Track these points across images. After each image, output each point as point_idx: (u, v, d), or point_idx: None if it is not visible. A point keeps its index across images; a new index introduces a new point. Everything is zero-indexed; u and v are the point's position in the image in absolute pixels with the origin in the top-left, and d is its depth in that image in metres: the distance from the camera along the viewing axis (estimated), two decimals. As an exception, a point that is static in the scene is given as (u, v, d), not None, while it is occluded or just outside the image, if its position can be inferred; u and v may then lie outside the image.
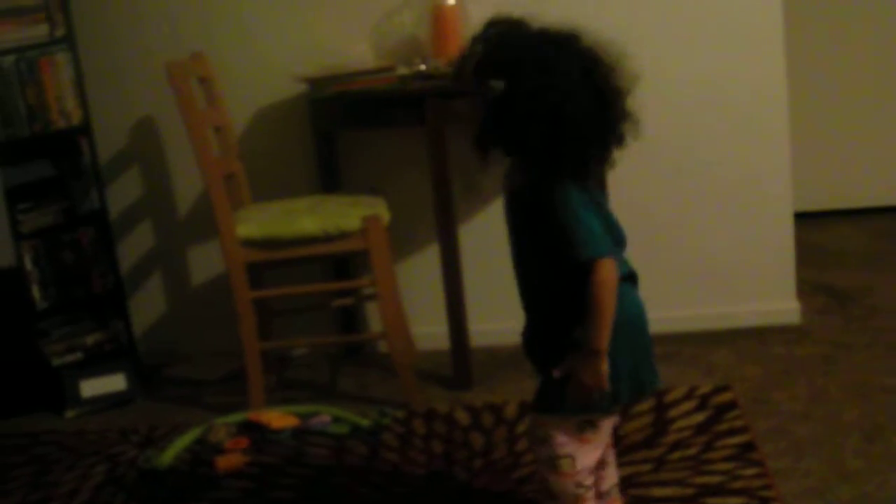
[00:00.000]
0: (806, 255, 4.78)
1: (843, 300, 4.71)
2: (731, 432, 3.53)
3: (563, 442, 2.65)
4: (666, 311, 4.47)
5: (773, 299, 4.52)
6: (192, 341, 4.86)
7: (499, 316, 4.47)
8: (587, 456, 2.68)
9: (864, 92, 5.90)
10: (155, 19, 4.56)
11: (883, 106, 5.91)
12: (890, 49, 5.87)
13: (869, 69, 5.88)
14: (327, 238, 3.95)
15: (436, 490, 3.39)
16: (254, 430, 3.89)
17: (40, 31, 4.33)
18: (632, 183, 4.39)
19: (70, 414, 4.35)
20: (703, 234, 4.48)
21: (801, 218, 4.72)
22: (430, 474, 3.50)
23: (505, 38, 2.49)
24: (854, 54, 5.86)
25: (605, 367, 2.52)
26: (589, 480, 2.71)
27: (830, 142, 5.91)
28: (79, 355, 4.48)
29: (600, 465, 2.82)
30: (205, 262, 4.77)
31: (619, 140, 2.56)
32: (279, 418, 3.92)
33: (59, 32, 4.36)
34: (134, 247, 4.82)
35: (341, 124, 4.35)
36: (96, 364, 4.47)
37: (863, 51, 5.87)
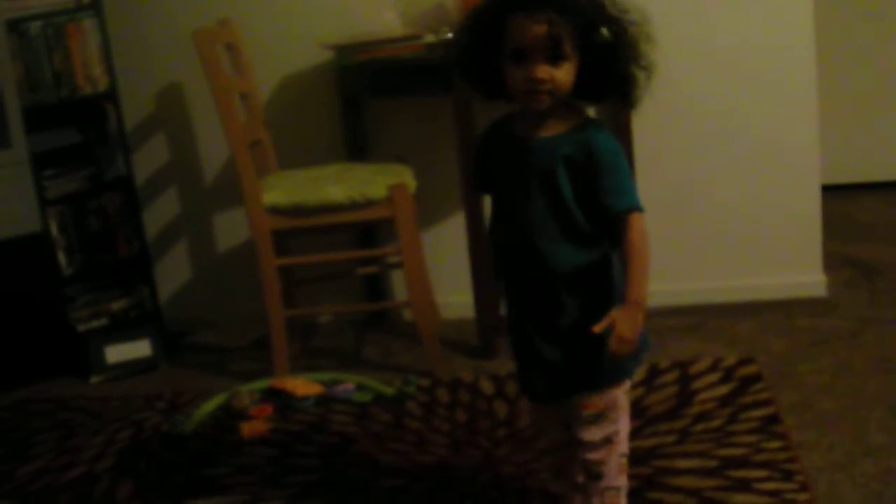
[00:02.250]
0: (833, 227, 4.75)
1: (869, 274, 4.68)
2: (756, 405, 3.52)
3: (620, 414, 2.62)
4: (691, 283, 4.48)
5: (799, 272, 4.50)
6: (217, 308, 4.87)
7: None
8: (628, 421, 2.66)
9: (892, 65, 5.85)
10: (182, -15, 4.57)
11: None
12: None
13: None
14: (353, 206, 3.95)
15: (459, 459, 3.39)
16: (278, 397, 3.90)
17: (67, -4, 4.34)
18: (659, 153, 4.38)
19: (95, 379, 4.37)
20: (730, 205, 4.45)
21: (829, 190, 4.69)
22: (453, 443, 3.50)
23: None
24: (884, 26, 5.81)
25: (641, 319, 2.48)
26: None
27: (859, 114, 5.86)
28: (104, 321, 4.50)
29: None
30: (230, 229, 4.77)
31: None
32: (303, 385, 3.93)
33: (86, -2, 4.37)
34: (160, 213, 4.83)
35: (368, 92, 4.34)
36: (121, 330, 4.49)
37: (892, 23, 5.81)
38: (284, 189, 4.02)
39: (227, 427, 3.74)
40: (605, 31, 2.40)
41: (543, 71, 2.39)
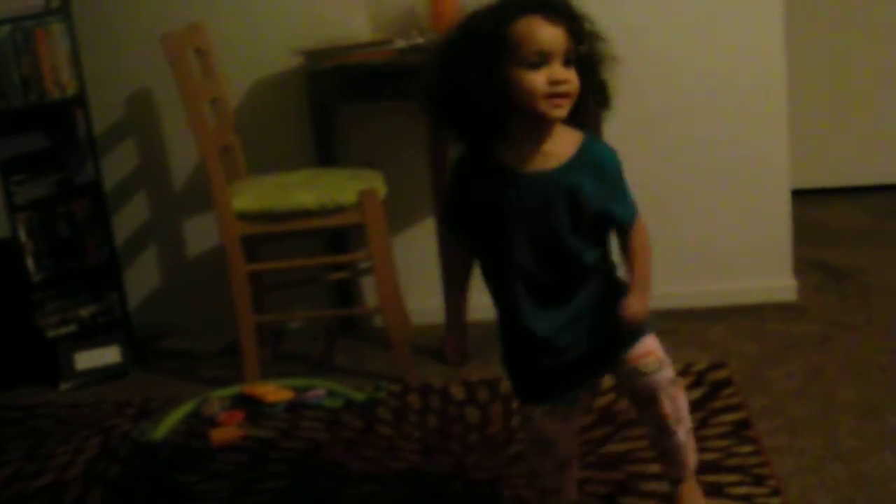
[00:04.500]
0: (803, 232, 4.76)
1: (839, 278, 4.70)
2: (727, 409, 3.53)
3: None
4: (663, 288, 4.45)
5: (770, 276, 4.51)
6: (187, 314, 4.85)
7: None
8: None
9: (863, 70, 5.88)
10: (151, -10, 4.55)
11: (882, 84, 5.89)
12: (890, 27, 5.85)
13: (869, 46, 5.85)
14: (323, 211, 3.94)
15: (430, 464, 3.38)
16: (248, 404, 3.89)
17: (36, 1, 4.31)
18: (629, 160, 4.34)
19: (64, 386, 4.35)
20: (700, 210, 4.46)
21: (799, 195, 4.70)
22: (424, 449, 3.50)
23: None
24: (854, 31, 5.83)
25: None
26: None
27: (829, 119, 5.88)
28: (73, 327, 4.47)
29: None
30: (200, 235, 4.75)
31: None
32: (274, 392, 3.92)
33: (55, 3, 4.34)
34: (129, 219, 4.81)
35: (338, 97, 4.33)
36: (91, 336, 4.46)
37: (862, 28, 5.84)
38: (254, 195, 4.00)
39: (198, 434, 3.73)
40: (591, 43, 2.45)
41: (565, 74, 2.39)
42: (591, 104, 2.51)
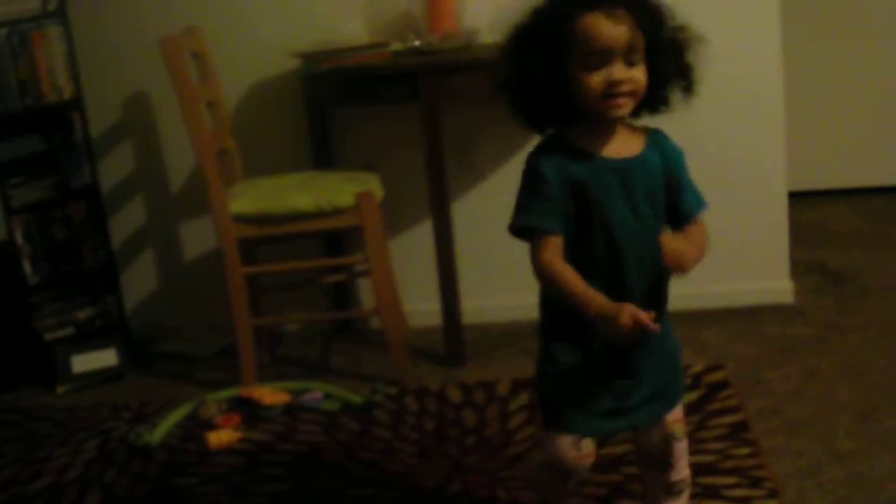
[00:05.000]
0: (800, 234, 4.77)
1: (836, 280, 4.70)
2: (724, 411, 3.53)
3: None
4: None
5: (767, 278, 4.52)
6: (184, 317, 4.85)
7: (492, 293, 4.49)
8: None
9: (860, 72, 5.88)
10: (148, -7, 4.55)
11: (879, 86, 5.89)
12: (886, 29, 5.85)
13: (866, 49, 5.86)
14: (320, 214, 3.94)
15: (428, 467, 3.38)
16: (245, 407, 3.89)
17: (32, 4, 4.30)
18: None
19: (61, 389, 4.34)
20: (697, 212, 4.46)
21: (796, 197, 4.70)
22: (421, 451, 3.50)
23: None
24: (850, 34, 5.84)
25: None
26: None
27: (826, 121, 5.89)
28: (70, 330, 4.46)
29: None
30: (197, 238, 4.75)
31: None
32: (271, 394, 3.91)
33: (52, 6, 4.34)
34: (126, 222, 4.80)
35: (335, 100, 4.33)
36: (88, 339, 4.46)
37: (859, 31, 5.84)
38: (251, 197, 4.00)
39: (195, 437, 3.73)
40: (666, 30, 2.40)
41: (627, 73, 2.30)
42: (668, 92, 2.48)
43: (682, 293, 4.45)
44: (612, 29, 2.27)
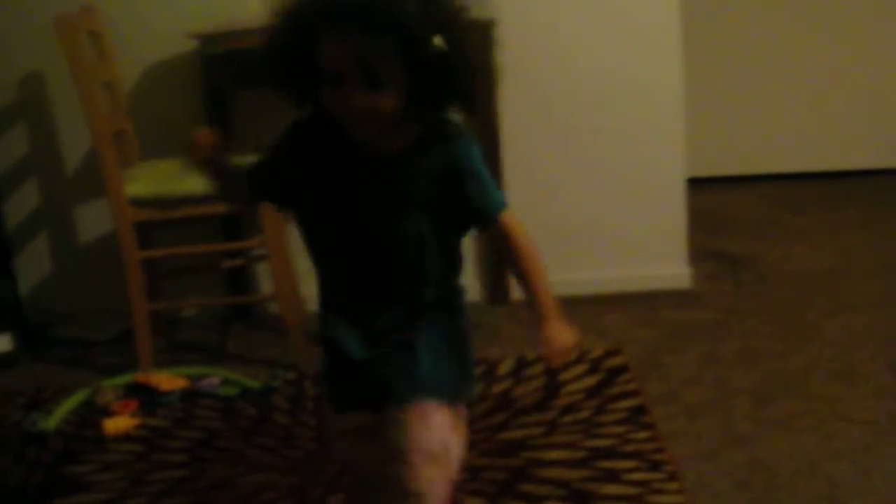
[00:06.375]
0: (698, 220, 4.80)
1: (733, 266, 4.74)
2: (623, 396, 3.55)
3: None
4: (558, 275, 4.46)
5: (665, 264, 4.54)
6: (80, 301, 4.78)
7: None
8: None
9: (758, 59, 5.94)
10: (44, -28, 4.47)
11: (776, 73, 5.96)
12: (782, 16, 5.92)
13: (762, 36, 5.93)
14: (216, 198, 3.90)
15: (326, 452, 3.36)
16: (142, 393, 3.85)
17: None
18: (524, 145, 4.39)
19: (-48, 375, 4.27)
20: (596, 197, 4.48)
21: (694, 183, 4.73)
22: (320, 436, 3.47)
23: None
24: (751, 19, 5.90)
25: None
26: None
27: (724, 108, 5.95)
28: (-37, 315, 4.39)
29: None
30: (93, 221, 4.68)
31: None
32: (168, 380, 3.88)
33: (-57, -17, 4.26)
34: (20, 204, 4.72)
35: (233, 82, 4.28)
36: (-19, 324, 4.38)
37: (756, 20, 5.91)
38: (146, 180, 3.96)
39: (91, 423, 3.68)
40: (438, 40, 2.01)
41: (361, 99, 2.03)
42: (437, 112, 2.13)
43: (581, 278, 4.51)
44: (342, 53, 2.02)
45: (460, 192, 2.16)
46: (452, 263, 2.26)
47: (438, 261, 2.21)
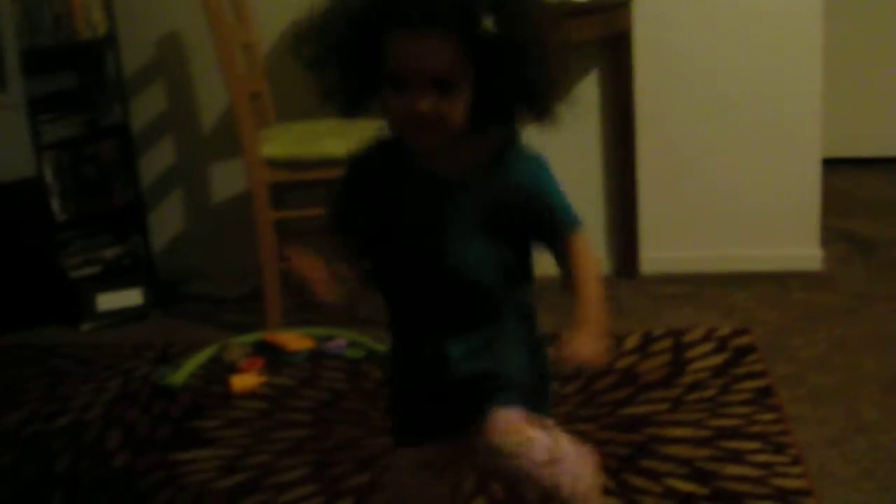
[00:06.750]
0: (832, 202, 4.72)
1: (866, 249, 4.67)
2: (749, 376, 3.51)
3: None
4: (687, 251, 4.46)
5: (796, 244, 4.48)
6: (211, 259, 4.84)
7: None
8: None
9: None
10: (186, -68, 4.52)
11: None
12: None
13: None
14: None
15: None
16: (269, 351, 3.89)
17: (70, -61, 4.29)
18: (660, 120, 4.36)
19: (85, 327, 4.35)
20: (729, 175, 4.43)
21: (829, 164, 4.66)
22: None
23: None
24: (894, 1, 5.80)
25: None
26: None
27: (863, 89, 5.84)
28: (96, 269, 4.47)
29: None
30: (227, 180, 4.74)
31: None
32: (295, 340, 3.92)
33: (89, -59, 4.33)
34: (156, 162, 4.80)
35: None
36: (113, 278, 4.46)
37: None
38: (283, 142, 3.99)
39: (218, 380, 3.73)
40: (488, 23, 1.89)
41: (428, 104, 1.92)
42: (505, 118, 2.03)
43: (711, 255, 4.47)
44: (412, 53, 1.92)
45: (529, 216, 2.07)
46: (521, 282, 2.18)
47: (510, 282, 2.13)
